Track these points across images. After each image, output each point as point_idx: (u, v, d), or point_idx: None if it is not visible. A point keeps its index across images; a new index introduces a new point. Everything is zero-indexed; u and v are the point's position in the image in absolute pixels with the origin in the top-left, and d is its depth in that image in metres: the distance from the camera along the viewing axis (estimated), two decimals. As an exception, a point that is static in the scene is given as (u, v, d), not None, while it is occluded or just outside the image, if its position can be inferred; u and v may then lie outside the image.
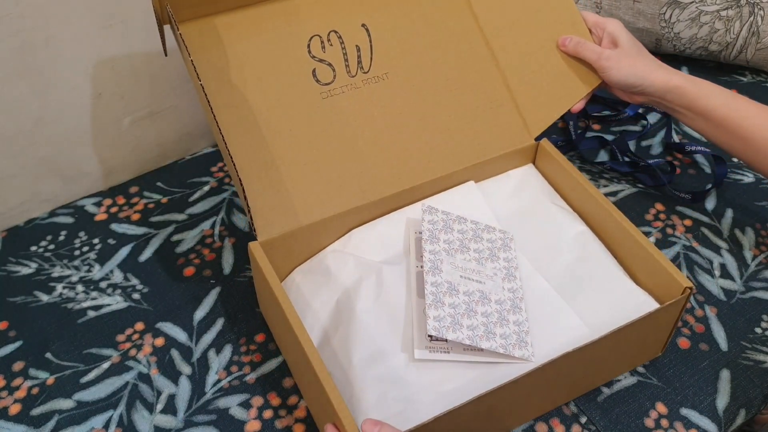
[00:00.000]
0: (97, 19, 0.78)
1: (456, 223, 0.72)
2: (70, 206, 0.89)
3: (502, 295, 0.67)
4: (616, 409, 0.68)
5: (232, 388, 0.70)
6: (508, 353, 0.63)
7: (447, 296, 0.64)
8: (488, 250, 0.71)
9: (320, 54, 0.76)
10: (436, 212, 0.72)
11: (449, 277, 0.66)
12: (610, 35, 0.78)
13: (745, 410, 0.69)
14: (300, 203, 0.71)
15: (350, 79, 0.76)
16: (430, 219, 0.70)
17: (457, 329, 0.62)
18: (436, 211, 0.72)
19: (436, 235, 0.69)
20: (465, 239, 0.70)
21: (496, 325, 0.64)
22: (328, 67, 0.75)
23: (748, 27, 1.02)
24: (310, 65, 0.75)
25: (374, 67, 0.77)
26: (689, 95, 0.74)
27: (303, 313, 0.68)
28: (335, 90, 0.75)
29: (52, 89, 0.80)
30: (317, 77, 0.75)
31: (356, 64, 0.77)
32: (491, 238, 0.72)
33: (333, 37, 0.76)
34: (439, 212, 0.72)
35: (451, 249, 0.69)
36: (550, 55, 0.81)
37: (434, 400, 0.61)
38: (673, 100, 0.75)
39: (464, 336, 0.62)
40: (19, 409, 0.69)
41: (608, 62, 0.76)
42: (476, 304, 0.65)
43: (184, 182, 0.92)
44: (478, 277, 0.68)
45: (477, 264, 0.69)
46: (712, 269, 0.81)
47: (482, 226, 0.73)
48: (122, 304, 0.78)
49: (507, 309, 0.66)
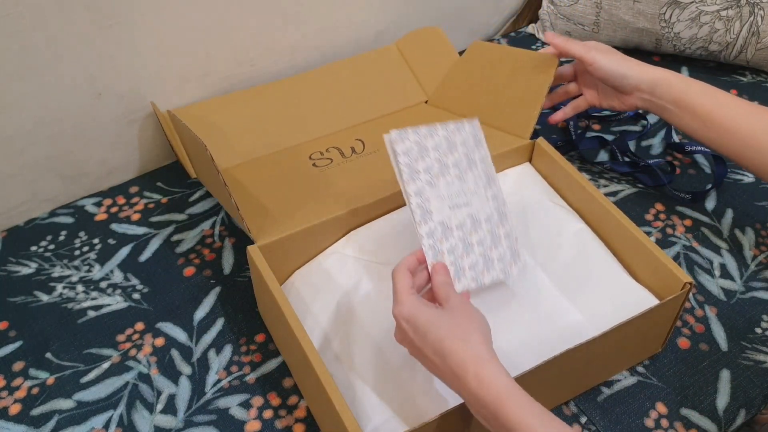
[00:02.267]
0: (97, 19, 0.78)
1: (428, 138, 0.66)
2: (70, 206, 0.89)
3: (489, 209, 0.67)
4: (616, 409, 0.68)
5: (232, 388, 0.70)
6: (508, 277, 0.66)
7: (444, 242, 0.64)
8: (465, 158, 0.67)
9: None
10: (406, 135, 0.65)
11: (440, 217, 0.64)
12: (596, 47, 0.79)
13: (745, 410, 0.69)
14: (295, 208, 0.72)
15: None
16: (403, 149, 0.64)
17: (461, 277, 0.64)
18: (406, 134, 0.65)
19: (415, 167, 0.64)
20: (442, 157, 0.66)
21: (492, 249, 0.66)
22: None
23: (748, 27, 1.02)
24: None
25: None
26: (676, 88, 0.74)
27: (303, 316, 0.68)
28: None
29: (52, 89, 0.80)
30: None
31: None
32: (464, 140, 0.67)
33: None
34: (409, 133, 0.65)
35: (433, 178, 0.65)
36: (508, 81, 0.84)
37: (435, 400, 0.61)
38: (662, 95, 0.75)
39: (468, 281, 0.64)
40: (19, 409, 0.69)
41: (597, 53, 0.77)
42: (470, 235, 0.65)
43: (184, 182, 0.92)
44: (465, 198, 0.66)
45: (460, 182, 0.66)
46: (712, 269, 0.81)
47: (451, 128, 0.67)
48: (122, 304, 0.78)
49: (496, 223, 0.67)
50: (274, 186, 0.78)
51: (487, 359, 0.53)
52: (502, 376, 0.52)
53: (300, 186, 0.78)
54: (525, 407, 0.50)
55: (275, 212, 0.73)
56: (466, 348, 0.53)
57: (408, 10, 1.05)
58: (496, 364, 0.53)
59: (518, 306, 0.69)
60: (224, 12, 0.87)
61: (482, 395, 0.51)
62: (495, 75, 0.84)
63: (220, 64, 0.92)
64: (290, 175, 0.80)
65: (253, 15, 0.90)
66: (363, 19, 1.01)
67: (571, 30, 1.13)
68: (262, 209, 0.74)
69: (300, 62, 0.98)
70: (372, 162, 0.81)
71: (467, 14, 1.15)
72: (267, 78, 0.96)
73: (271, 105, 0.91)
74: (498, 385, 0.51)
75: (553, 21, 1.14)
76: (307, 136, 0.87)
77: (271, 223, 0.71)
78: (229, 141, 0.85)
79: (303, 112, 0.90)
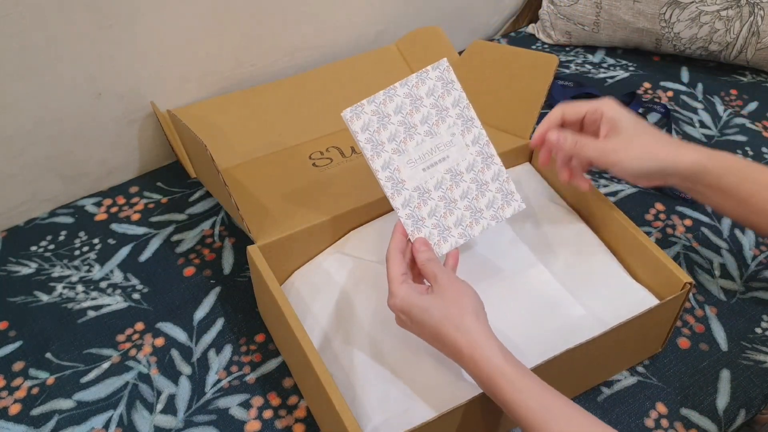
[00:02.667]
0: (97, 19, 0.78)
1: (388, 103, 0.62)
2: (70, 206, 0.89)
3: (470, 156, 0.64)
4: (616, 409, 0.68)
5: (232, 388, 0.70)
6: (500, 220, 0.65)
7: (422, 207, 0.62)
8: (434, 109, 0.63)
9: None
10: (361, 109, 0.61)
11: (414, 182, 0.62)
12: (610, 121, 0.65)
13: (745, 410, 0.69)
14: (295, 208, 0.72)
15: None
16: (360, 126, 0.61)
17: (447, 237, 0.63)
18: (361, 108, 0.61)
19: (377, 139, 0.61)
20: (407, 118, 0.62)
21: (478, 198, 0.64)
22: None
23: (748, 27, 1.02)
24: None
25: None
26: (713, 174, 0.63)
27: (303, 316, 0.68)
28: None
29: (52, 89, 0.80)
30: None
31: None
32: (430, 89, 0.63)
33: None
34: (364, 105, 0.62)
35: (400, 145, 0.62)
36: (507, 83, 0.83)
37: (436, 399, 0.61)
38: (696, 181, 0.64)
39: (456, 239, 0.63)
40: (19, 409, 0.69)
41: (617, 155, 0.63)
42: (451, 190, 0.63)
43: (184, 182, 0.92)
44: (440, 153, 0.63)
45: (431, 138, 0.63)
46: (712, 269, 0.81)
47: (413, 81, 0.63)
48: (122, 304, 0.78)
49: (480, 169, 0.64)
50: (274, 186, 0.78)
51: (480, 342, 0.55)
52: (494, 357, 0.54)
53: (300, 186, 0.78)
54: (516, 383, 0.53)
55: (275, 212, 0.73)
56: (458, 334, 0.55)
57: (408, 10, 1.05)
58: (489, 345, 0.55)
59: (521, 300, 0.69)
60: (224, 12, 0.87)
61: (479, 376, 0.55)
62: (495, 75, 0.84)
63: (220, 64, 0.92)
64: (290, 175, 0.80)
65: (253, 15, 0.90)
66: (363, 19, 1.01)
67: (571, 30, 1.13)
68: (262, 209, 0.74)
69: (300, 62, 0.98)
70: None
71: (467, 14, 1.15)
72: (267, 78, 0.96)
73: (271, 105, 0.91)
74: (490, 367, 0.54)
75: (553, 21, 1.14)
76: (307, 135, 0.87)
77: (271, 223, 0.71)
78: (229, 141, 0.85)
79: (303, 112, 0.90)
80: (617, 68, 1.11)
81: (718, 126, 1.00)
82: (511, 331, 0.64)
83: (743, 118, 1.02)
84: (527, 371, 0.54)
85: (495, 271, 0.71)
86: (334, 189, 0.77)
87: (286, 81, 0.94)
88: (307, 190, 0.77)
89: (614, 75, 1.10)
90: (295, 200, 0.75)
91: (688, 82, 1.08)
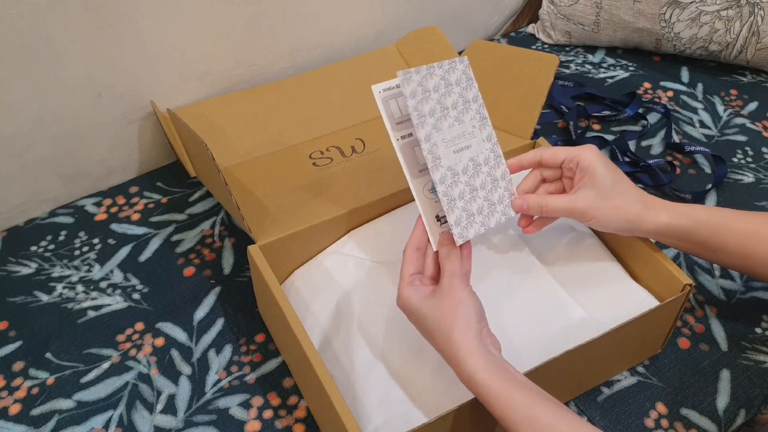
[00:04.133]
0: (97, 18, 0.78)
1: (429, 79, 0.62)
2: (70, 206, 0.89)
3: (486, 151, 0.66)
4: (616, 409, 0.68)
5: (232, 388, 0.70)
6: (509, 218, 0.66)
7: (454, 188, 0.63)
8: (461, 99, 0.64)
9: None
10: (410, 76, 0.61)
11: (447, 161, 0.63)
12: (584, 170, 0.64)
13: (745, 410, 0.69)
14: (295, 207, 0.72)
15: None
16: (410, 91, 0.61)
17: (472, 223, 0.63)
18: (410, 75, 0.61)
19: (421, 110, 0.61)
20: (442, 98, 0.63)
21: (492, 192, 0.65)
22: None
23: (748, 27, 1.02)
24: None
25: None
26: (704, 232, 0.65)
27: (303, 316, 0.68)
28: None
29: (52, 89, 0.80)
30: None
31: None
32: (458, 79, 0.65)
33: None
34: (412, 73, 0.61)
35: (438, 122, 0.62)
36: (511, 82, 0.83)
37: (437, 399, 0.61)
38: (669, 236, 0.66)
39: (478, 226, 0.64)
40: (19, 409, 0.69)
41: (585, 216, 0.65)
42: (474, 179, 0.64)
43: (184, 182, 0.92)
44: (465, 141, 0.64)
45: (459, 125, 0.64)
46: (712, 269, 0.81)
47: (446, 67, 0.64)
48: (122, 304, 0.78)
49: (493, 165, 0.66)
50: (274, 185, 0.78)
51: (464, 358, 0.55)
52: (478, 374, 0.54)
53: (300, 185, 0.78)
54: (501, 397, 0.54)
55: (275, 212, 0.73)
56: (447, 346, 0.57)
57: (408, 10, 1.05)
58: (473, 361, 0.55)
59: (521, 302, 0.69)
60: (224, 12, 0.87)
61: (468, 388, 0.56)
62: (495, 75, 0.84)
63: (220, 64, 0.92)
64: (291, 175, 0.80)
65: (253, 15, 0.90)
66: (363, 19, 1.01)
67: (571, 30, 1.13)
68: (263, 209, 0.74)
69: (300, 62, 0.98)
70: (372, 161, 0.81)
71: (467, 14, 1.15)
72: (267, 78, 0.96)
73: (271, 105, 0.91)
74: (475, 382, 0.55)
75: (553, 21, 1.14)
76: (308, 135, 0.87)
77: (271, 222, 0.71)
78: (229, 140, 0.85)
79: (303, 112, 0.90)
80: (617, 68, 1.11)
81: (718, 126, 1.00)
82: (511, 333, 0.64)
83: (743, 118, 1.02)
84: (516, 383, 0.54)
85: (495, 272, 0.71)
86: (334, 188, 0.77)
87: (286, 81, 0.94)
88: (307, 190, 0.77)
89: (614, 75, 1.10)
90: (295, 200, 0.75)
91: (688, 82, 1.08)
